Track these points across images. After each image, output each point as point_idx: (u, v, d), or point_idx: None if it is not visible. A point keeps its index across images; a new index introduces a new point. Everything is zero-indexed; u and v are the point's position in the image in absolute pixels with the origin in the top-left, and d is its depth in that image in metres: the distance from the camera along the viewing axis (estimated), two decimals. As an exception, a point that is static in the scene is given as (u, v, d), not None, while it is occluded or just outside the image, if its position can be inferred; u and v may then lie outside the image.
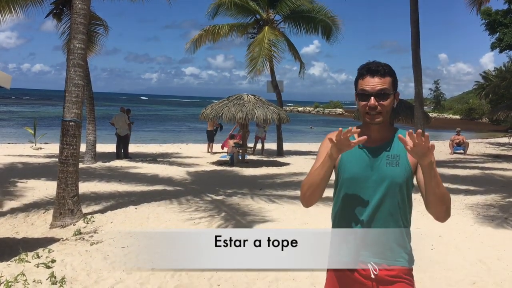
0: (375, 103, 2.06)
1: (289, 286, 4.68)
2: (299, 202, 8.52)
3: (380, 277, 2.09)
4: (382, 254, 2.10)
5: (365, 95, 2.08)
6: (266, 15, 18.72)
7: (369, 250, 2.11)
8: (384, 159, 2.10)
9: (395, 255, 2.11)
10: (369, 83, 2.08)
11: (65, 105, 7.05)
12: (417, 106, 14.35)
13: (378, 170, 2.10)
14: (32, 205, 8.01)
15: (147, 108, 79.68)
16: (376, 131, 2.15)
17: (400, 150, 2.10)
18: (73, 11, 7.14)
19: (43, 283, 4.54)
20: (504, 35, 21.76)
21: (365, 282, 2.12)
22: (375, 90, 2.06)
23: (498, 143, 27.84)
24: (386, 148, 2.13)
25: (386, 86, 2.07)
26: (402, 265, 2.12)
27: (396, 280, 2.10)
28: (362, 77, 2.11)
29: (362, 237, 2.10)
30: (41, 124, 28.60)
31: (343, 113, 72.14)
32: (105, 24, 15.74)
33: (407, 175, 2.09)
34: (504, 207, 8.52)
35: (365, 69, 2.11)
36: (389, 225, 2.09)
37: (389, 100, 2.09)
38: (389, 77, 2.10)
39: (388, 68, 2.11)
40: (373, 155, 2.12)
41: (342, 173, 2.16)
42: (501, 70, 49.66)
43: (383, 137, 2.15)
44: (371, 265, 2.10)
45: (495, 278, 4.97)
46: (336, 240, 2.21)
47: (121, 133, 16.05)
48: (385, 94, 2.07)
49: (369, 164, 2.11)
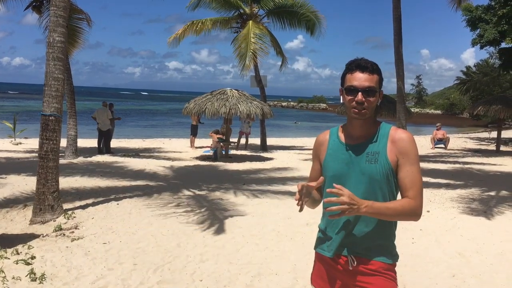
0: (362, 99, 2.09)
1: (271, 281, 4.69)
2: (282, 197, 8.60)
3: (359, 270, 2.15)
4: (363, 249, 2.14)
5: (353, 90, 2.11)
6: (249, 10, 18.65)
7: (349, 244, 2.15)
8: (364, 157, 2.14)
9: (376, 250, 2.15)
10: (358, 79, 2.11)
11: (45, 99, 6.93)
12: (399, 101, 14.50)
13: (358, 168, 2.14)
14: (11, 201, 7.88)
15: (130, 103, 78.95)
16: (359, 126, 2.17)
17: (380, 147, 2.13)
18: (53, 3, 7.00)
19: (22, 280, 4.47)
20: (485, 31, 22.01)
21: (345, 273, 2.18)
22: (363, 87, 2.10)
23: (478, 138, 28.30)
24: (367, 145, 2.16)
25: (373, 84, 2.11)
26: (383, 261, 2.15)
27: (375, 274, 2.14)
28: (351, 72, 2.14)
29: (346, 231, 2.15)
30: (21, 118, 28.14)
31: (327, 108, 72.56)
32: (88, 18, 15.50)
33: (386, 172, 2.11)
34: (483, 201, 8.66)
35: (354, 65, 2.14)
36: (371, 221, 2.13)
37: (375, 98, 2.13)
38: (377, 75, 2.14)
39: (376, 66, 2.16)
40: (355, 153, 2.16)
41: (326, 171, 2.23)
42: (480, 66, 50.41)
43: (366, 133, 2.18)
44: (350, 257, 2.15)
45: (474, 270, 5.05)
46: (321, 232, 2.29)
47: (102, 128, 15.86)
48: (372, 91, 2.11)
49: (350, 161, 2.16)
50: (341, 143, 2.22)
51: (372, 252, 2.14)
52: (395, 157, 2.11)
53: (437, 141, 20.82)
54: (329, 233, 2.21)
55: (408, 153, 2.11)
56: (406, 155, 2.11)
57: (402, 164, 2.11)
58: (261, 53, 17.92)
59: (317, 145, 2.34)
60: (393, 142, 2.13)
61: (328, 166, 2.22)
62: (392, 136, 2.15)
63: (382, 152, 2.12)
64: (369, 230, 2.13)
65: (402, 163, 2.11)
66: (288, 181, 10.55)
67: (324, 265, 2.26)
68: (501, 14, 20.48)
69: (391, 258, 2.18)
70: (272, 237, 6.16)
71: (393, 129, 2.19)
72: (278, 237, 6.17)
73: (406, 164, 2.11)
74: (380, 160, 2.11)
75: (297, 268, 5.00)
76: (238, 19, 19.06)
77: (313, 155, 2.37)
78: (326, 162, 2.24)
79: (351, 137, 2.20)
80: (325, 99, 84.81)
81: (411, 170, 2.10)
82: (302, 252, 5.44)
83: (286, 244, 5.90)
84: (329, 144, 2.27)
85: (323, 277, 2.26)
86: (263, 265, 5.11)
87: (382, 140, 2.15)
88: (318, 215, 2.42)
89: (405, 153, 2.11)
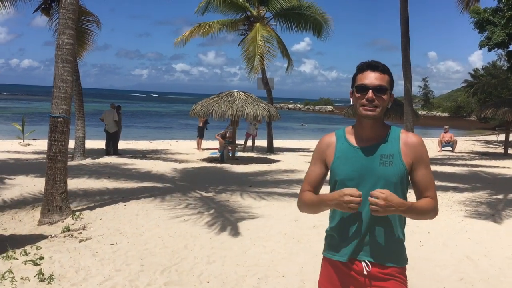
0: (373, 96, 2.09)
1: (278, 283, 4.69)
2: (289, 199, 8.60)
3: (373, 274, 2.13)
4: (376, 253, 2.13)
5: (364, 88, 2.11)
6: (256, 12, 18.68)
7: (364, 249, 2.13)
8: (378, 159, 2.12)
9: (390, 255, 2.14)
10: (369, 77, 2.12)
11: (54, 101, 6.99)
12: (406, 103, 14.44)
13: (372, 171, 2.11)
14: (20, 202, 7.94)
15: (138, 105, 79.22)
16: (370, 127, 2.15)
17: (394, 149, 2.12)
18: (62, 5, 7.06)
19: (31, 280, 4.51)
20: (493, 34, 21.93)
21: (358, 278, 2.15)
22: (374, 85, 2.10)
23: (486, 141, 28.12)
24: (379, 147, 2.14)
25: (384, 83, 2.12)
26: (396, 265, 2.15)
27: (388, 278, 2.13)
28: (362, 71, 2.15)
29: (359, 237, 2.13)
30: (30, 120, 28.34)
31: (333, 110, 72.46)
32: (96, 20, 15.58)
33: (401, 175, 2.11)
34: (491, 204, 8.61)
35: (365, 65, 2.16)
36: (385, 225, 2.12)
37: (386, 96, 2.13)
38: (388, 76, 2.15)
39: (387, 68, 2.17)
40: (367, 155, 2.14)
41: (336, 174, 2.18)
42: (488, 68, 50.11)
43: (377, 135, 2.16)
44: (365, 262, 2.13)
45: (482, 274, 5.02)
46: (332, 237, 2.25)
47: (109, 130, 15.92)
48: (383, 89, 2.11)
49: (362, 164, 2.13)
50: (351, 146, 2.18)
51: (386, 256, 2.13)
52: (410, 161, 2.13)
53: (445, 144, 20.73)
54: (341, 237, 2.18)
55: (422, 157, 2.15)
56: (421, 158, 2.15)
57: (417, 167, 2.15)
58: (268, 56, 17.96)
59: (322, 147, 2.27)
60: (407, 145, 2.14)
61: (339, 169, 2.17)
62: (404, 139, 2.15)
63: (397, 154, 2.12)
64: (383, 235, 2.12)
65: (417, 166, 2.14)
66: (294, 183, 10.54)
67: (335, 269, 2.22)
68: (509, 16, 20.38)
69: (403, 262, 2.19)
70: (279, 239, 6.16)
71: (404, 132, 2.19)
72: (285, 239, 6.17)
73: (422, 167, 2.15)
74: (396, 163, 2.11)
75: (304, 270, 4.99)
76: (245, 22, 19.10)
77: (316, 158, 2.29)
78: (336, 165, 2.19)
79: (361, 139, 2.18)
80: (331, 101, 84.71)
81: (426, 172, 2.16)
82: (309, 254, 5.44)
83: (293, 246, 5.90)
84: (337, 147, 2.22)
85: (334, 282, 2.22)
86: (270, 267, 5.11)
87: (394, 143, 2.14)
88: (325, 217, 2.41)
89: (420, 157, 2.14)
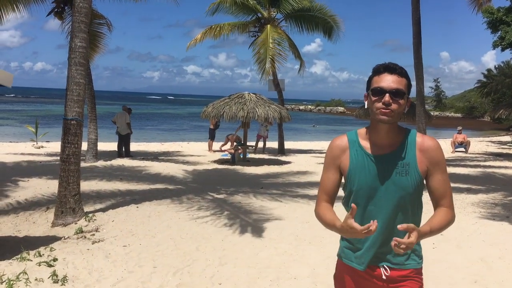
0: (390, 100, 1.98)
1: (290, 285, 4.68)
2: (301, 201, 8.58)
3: (392, 277, 2.11)
4: (394, 258, 2.10)
5: (380, 91, 2.00)
6: (267, 14, 18.69)
7: (382, 256, 2.11)
8: (393, 168, 2.05)
9: (407, 259, 2.11)
10: (386, 80, 2.01)
11: (67, 104, 7.05)
12: (419, 104, 14.35)
13: (388, 180, 2.05)
14: (33, 204, 8.02)
15: (150, 107, 79.66)
16: (385, 133, 2.07)
17: (410, 157, 2.06)
18: (75, 9, 7.14)
19: (45, 282, 4.55)
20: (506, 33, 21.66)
21: (376, 282, 2.13)
22: (391, 88, 1.99)
23: (500, 142, 27.80)
24: (395, 156, 2.06)
25: (402, 87, 2.02)
26: (413, 266, 2.13)
27: (406, 279, 2.11)
28: (379, 74, 2.04)
29: (375, 245, 2.09)
30: (43, 122, 28.62)
31: (345, 112, 72.17)
32: (108, 23, 15.72)
33: (417, 184, 2.05)
34: (505, 206, 8.51)
35: (382, 67, 2.05)
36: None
37: (403, 101, 2.02)
38: (405, 79, 2.05)
39: (405, 71, 2.07)
40: (382, 164, 2.06)
41: (351, 184, 2.11)
42: (502, 68, 49.55)
43: (392, 142, 2.09)
44: (383, 268, 2.11)
45: (496, 277, 4.96)
46: (348, 242, 2.20)
47: (121, 132, 16.02)
48: (400, 93, 2.00)
49: (378, 174, 2.06)
50: (366, 154, 2.10)
51: (404, 259, 2.10)
52: (426, 168, 2.06)
53: (458, 145, 20.53)
54: (359, 245, 2.13)
55: (439, 162, 2.08)
56: (437, 164, 2.07)
57: (433, 173, 2.07)
58: (279, 59, 17.96)
59: (336, 153, 2.16)
60: (422, 151, 2.07)
61: (354, 178, 2.09)
62: (420, 144, 2.08)
63: (412, 163, 2.05)
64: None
65: (434, 172, 2.07)
66: (306, 185, 10.51)
67: (353, 276, 2.18)
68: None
69: (420, 262, 2.15)
70: (291, 241, 6.15)
71: (419, 136, 2.11)
72: (297, 241, 6.15)
73: (438, 172, 2.08)
74: (411, 172, 2.04)
75: (316, 272, 4.97)
76: (256, 23, 19.10)
77: (329, 163, 2.18)
78: (352, 174, 2.10)
79: (376, 146, 2.09)
80: (343, 102, 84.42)
81: (443, 178, 2.08)
82: (321, 256, 5.42)
83: (305, 248, 5.89)
84: (351, 154, 2.13)
85: (349, 285, 2.19)
86: (281, 269, 5.10)
87: (410, 150, 2.06)
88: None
89: (436, 162, 2.07)
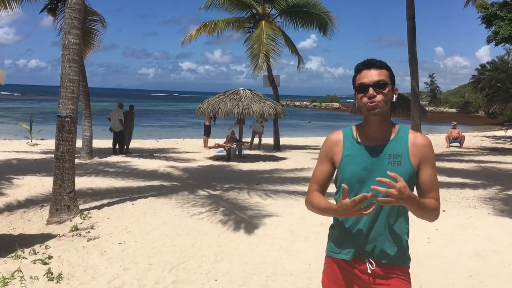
0: (374, 93, 2.07)
1: (286, 281, 4.68)
2: (296, 197, 8.59)
3: (377, 273, 2.14)
4: (380, 252, 2.13)
5: (363, 86, 2.10)
6: (262, 10, 18.66)
7: (368, 248, 2.13)
8: (386, 159, 2.11)
9: (394, 254, 2.14)
10: (367, 75, 2.10)
11: (61, 101, 7.01)
12: (413, 99, 14.40)
13: (379, 170, 2.09)
14: (28, 202, 7.99)
15: (146, 104, 79.40)
16: (377, 125, 2.14)
17: (403, 149, 2.11)
18: (68, 5, 7.08)
19: (40, 280, 4.54)
20: (500, 28, 21.73)
21: (362, 276, 2.16)
22: (373, 81, 2.08)
23: (494, 136, 27.91)
24: (388, 147, 2.13)
25: (382, 77, 2.10)
26: (399, 264, 2.15)
27: (392, 276, 2.14)
28: (360, 71, 2.14)
29: (362, 236, 2.13)
30: (37, 120, 28.49)
31: (340, 107, 72.24)
32: (102, 20, 15.63)
33: (410, 175, 2.10)
34: (500, 200, 8.54)
35: (361, 65, 2.15)
36: (390, 225, 2.13)
37: (387, 90, 2.10)
38: (385, 70, 2.13)
39: (384, 63, 2.15)
40: (375, 155, 2.12)
41: (343, 172, 2.17)
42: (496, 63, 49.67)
43: (384, 134, 2.15)
44: (369, 261, 2.14)
45: (491, 271, 4.99)
46: (336, 236, 2.25)
47: (115, 129, 15.95)
48: (383, 84, 2.09)
49: (370, 164, 2.12)
50: (359, 145, 2.17)
51: (390, 255, 2.13)
52: (418, 161, 2.12)
53: (452, 140, 20.61)
54: (345, 235, 2.18)
55: (429, 158, 2.14)
56: (428, 160, 2.14)
57: (423, 167, 2.14)
58: (273, 55, 17.95)
59: (330, 145, 2.25)
60: (415, 146, 2.13)
61: (347, 169, 2.15)
62: (412, 140, 2.14)
63: (405, 154, 2.11)
64: (388, 233, 2.12)
65: (424, 167, 2.13)
66: (301, 181, 10.52)
67: (339, 268, 2.22)
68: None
69: (406, 260, 2.18)
70: (287, 237, 6.16)
71: (412, 132, 2.18)
72: (293, 237, 6.16)
73: (428, 168, 2.14)
74: (404, 163, 2.10)
75: (312, 268, 4.98)
76: (251, 19, 19.09)
77: (323, 156, 2.27)
78: (344, 165, 2.17)
79: (368, 138, 2.16)
80: (338, 98, 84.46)
81: (432, 173, 2.15)
82: (316, 252, 5.43)
83: (300, 244, 5.89)
84: (345, 145, 2.20)
85: (338, 281, 2.22)
86: (277, 265, 5.11)
87: (402, 142, 2.13)
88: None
89: (427, 158, 2.14)
